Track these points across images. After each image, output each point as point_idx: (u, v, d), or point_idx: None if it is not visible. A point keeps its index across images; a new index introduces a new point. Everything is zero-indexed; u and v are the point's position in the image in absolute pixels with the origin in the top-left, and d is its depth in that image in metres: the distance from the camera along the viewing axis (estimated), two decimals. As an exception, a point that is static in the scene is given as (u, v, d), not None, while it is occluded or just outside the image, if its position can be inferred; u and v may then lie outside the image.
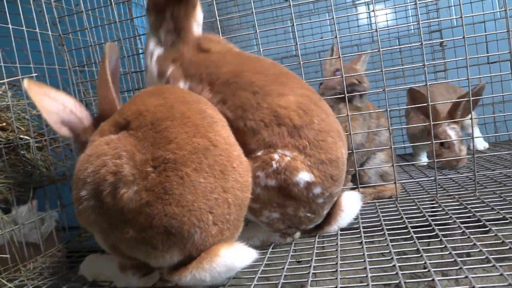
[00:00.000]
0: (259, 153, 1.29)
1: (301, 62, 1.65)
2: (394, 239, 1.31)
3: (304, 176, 1.27)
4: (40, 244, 1.59)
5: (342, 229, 1.45)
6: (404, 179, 2.01)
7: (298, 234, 1.45)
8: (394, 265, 1.09)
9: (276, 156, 1.27)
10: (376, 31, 1.58)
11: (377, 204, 1.71)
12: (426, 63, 1.56)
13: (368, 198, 1.79)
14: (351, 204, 1.45)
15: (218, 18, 1.67)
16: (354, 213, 1.46)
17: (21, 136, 1.59)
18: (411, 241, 1.26)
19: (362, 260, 1.15)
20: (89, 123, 1.28)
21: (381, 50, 1.56)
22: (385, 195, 1.81)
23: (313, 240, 1.41)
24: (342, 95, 1.63)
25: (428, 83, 1.55)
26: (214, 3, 1.68)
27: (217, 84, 1.36)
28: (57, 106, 1.23)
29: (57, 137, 1.79)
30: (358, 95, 1.74)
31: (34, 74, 1.50)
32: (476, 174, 1.66)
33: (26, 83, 1.19)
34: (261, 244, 1.44)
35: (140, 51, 2.24)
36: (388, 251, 1.21)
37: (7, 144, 1.53)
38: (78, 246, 1.73)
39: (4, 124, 1.51)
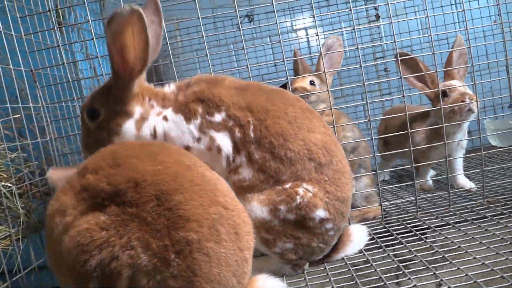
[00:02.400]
0: (287, 186, 1.33)
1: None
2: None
3: (320, 213, 1.35)
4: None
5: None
6: (385, 201, 2.13)
7: (307, 266, 1.50)
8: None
9: (301, 191, 1.33)
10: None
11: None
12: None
13: (355, 221, 1.89)
14: (360, 237, 1.57)
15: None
16: (362, 245, 1.57)
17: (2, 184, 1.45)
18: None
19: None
20: None
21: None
22: (369, 217, 1.92)
23: (323, 268, 1.48)
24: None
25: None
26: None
27: (256, 112, 1.37)
28: None
29: (36, 181, 1.65)
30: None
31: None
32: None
33: None
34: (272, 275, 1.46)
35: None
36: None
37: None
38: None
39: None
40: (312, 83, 1.90)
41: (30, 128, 1.75)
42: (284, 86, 2.60)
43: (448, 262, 1.31)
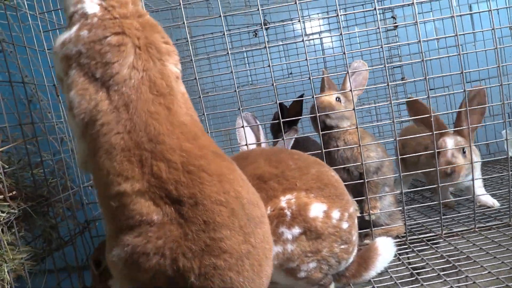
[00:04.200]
0: (269, 212, 1.33)
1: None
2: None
3: (317, 207, 1.33)
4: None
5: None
6: (409, 219, 2.11)
7: (333, 285, 1.48)
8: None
9: (284, 205, 1.33)
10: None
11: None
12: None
13: (378, 239, 1.87)
14: (387, 249, 1.53)
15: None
16: (390, 257, 1.53)
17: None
18: None
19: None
20: None
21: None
22: (393, 235, 1.90)
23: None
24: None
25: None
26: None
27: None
28: None
29: (59, 198, 1.64)
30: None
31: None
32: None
33: None
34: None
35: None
36: None
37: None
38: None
39: (14, 192, 1.34)
40: (338, 99, 1.88)
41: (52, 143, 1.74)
42: (301, 96, 2.59)
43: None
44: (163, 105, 1.07)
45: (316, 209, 1.33)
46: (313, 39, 3.29)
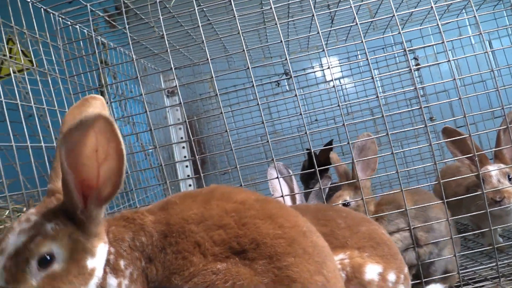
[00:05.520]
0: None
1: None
2: None
3: (372, 269, 1.26)
4: None
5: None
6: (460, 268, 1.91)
7: None
8: None
9: (346, 261, 1.26)
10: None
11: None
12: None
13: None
14: None
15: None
16: None
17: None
18: None
19: None
20: None
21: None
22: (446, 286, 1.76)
23: None
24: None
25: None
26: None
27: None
28: None
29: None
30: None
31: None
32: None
33: None
34: None
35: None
36: None
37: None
38: None
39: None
40: (347, 204, 1.81)
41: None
42: (330, 143, 2.53)
43: None
44: None
45: (372, 271, 1.26)
46: (344, 84, 3.29)
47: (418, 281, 1.70)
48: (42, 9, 1.79)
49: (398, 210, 1.68)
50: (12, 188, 1.56)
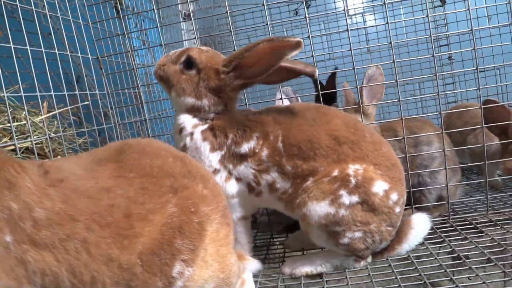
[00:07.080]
0: (335, 173, 1.35)
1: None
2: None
3: (380, 185, 1.35)
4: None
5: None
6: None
7: (370, 258, 1.46)
8: None
9: (351, 172, 1.35)
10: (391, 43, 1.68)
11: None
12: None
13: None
14: (421, 223, 1.52)
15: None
16: (424, 232, 1.52)
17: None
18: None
19: None
20: None
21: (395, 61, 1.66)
22: (435, 215, 1.84)
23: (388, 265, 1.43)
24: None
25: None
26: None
27: (283, 123, 1.44)
28: None
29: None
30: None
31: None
32: None
33: None
34: (334, 270, 1.46)
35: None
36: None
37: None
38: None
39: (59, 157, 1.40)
40: None
41: (95, 114, 1.80)
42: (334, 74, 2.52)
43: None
44: None
45: (379, 186, 1.35)
46: (355, 18, 3.21)
47: (409, 207, 1.79)
48: None
49: (396, 138, 1.76)
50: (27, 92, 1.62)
